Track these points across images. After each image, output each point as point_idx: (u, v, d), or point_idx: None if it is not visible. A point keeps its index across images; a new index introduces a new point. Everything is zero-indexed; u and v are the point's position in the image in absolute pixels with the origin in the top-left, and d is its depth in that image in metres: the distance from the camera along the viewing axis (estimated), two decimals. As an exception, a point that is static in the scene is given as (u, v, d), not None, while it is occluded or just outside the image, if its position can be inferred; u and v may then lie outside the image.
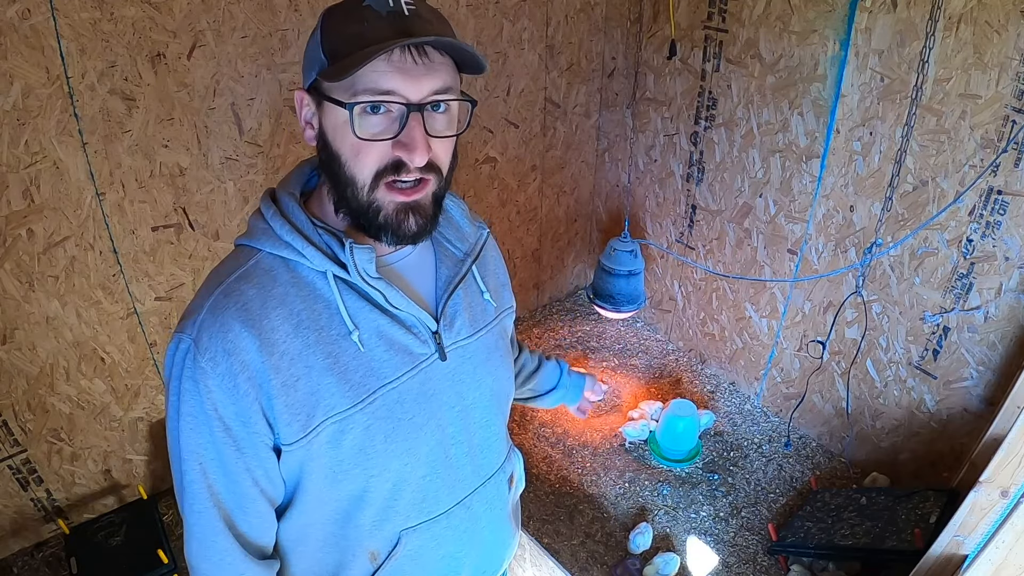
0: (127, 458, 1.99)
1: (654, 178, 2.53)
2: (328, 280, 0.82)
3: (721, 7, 2.05)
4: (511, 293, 1.09)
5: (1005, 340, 1.70)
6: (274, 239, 0.82)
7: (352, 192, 0.79)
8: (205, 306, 0.80)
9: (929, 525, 1.61)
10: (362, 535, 0.91)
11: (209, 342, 0.77)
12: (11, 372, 1.69)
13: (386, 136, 0.76)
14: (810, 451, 2.23)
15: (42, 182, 1.55)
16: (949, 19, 1.56)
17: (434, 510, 0.94)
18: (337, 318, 0.83)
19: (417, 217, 0.81)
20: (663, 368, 2.61)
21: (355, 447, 0.84)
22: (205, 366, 0.77)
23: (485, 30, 2.13)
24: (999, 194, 1.60)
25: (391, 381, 0.86)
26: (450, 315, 0.92)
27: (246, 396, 0.78)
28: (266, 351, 0.78)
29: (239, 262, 0.83)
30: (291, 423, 0.80)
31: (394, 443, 0.87)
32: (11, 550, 1.88)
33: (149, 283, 1.80)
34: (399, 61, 0.73)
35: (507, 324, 1.06)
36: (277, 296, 0.81)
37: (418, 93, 0.75)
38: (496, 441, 1.02)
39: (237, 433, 0.80)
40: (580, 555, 1.89)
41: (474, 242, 0.99)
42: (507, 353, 1.05)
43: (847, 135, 1.86)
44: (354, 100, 0.74)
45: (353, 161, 0.78)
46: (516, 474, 1.12)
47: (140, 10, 1.51)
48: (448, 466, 0.94)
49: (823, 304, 2.10)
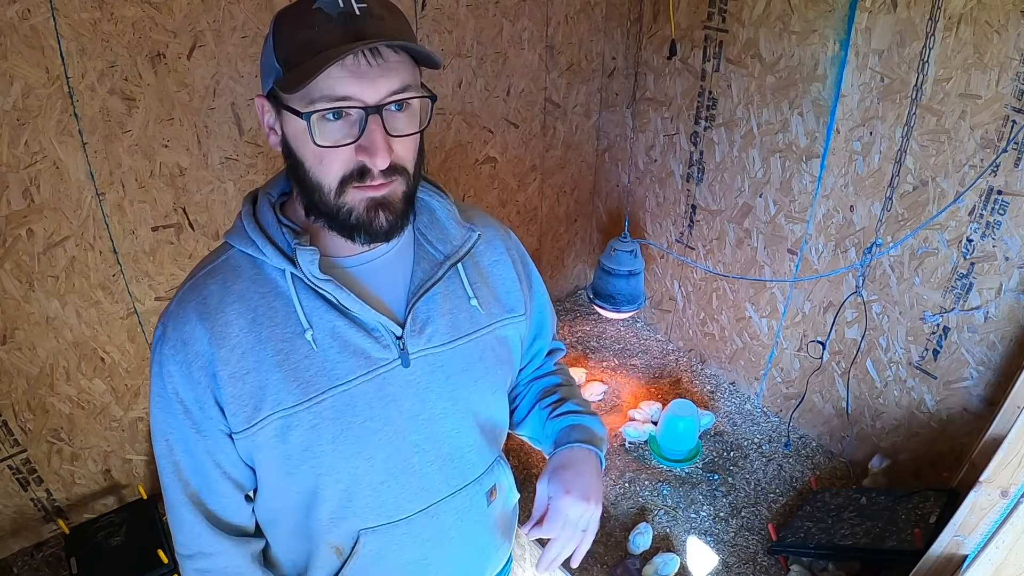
0: (127, 458, 1.99)
1: (654, 178, 2.53)
2: (287, 278, 0.85)
3: (721, 7, 2.05)
4: (519, 301, 1.02)
5: (1005, 340, 1.70)
6: (243, 237, 0.86)
7: (320, 197, 0.80)
8: (177, 297, 0.87)
9: (929, 525, 1.61)
10: (322, 529, 0.93)
11: (172, 332, 0.84)
12: (11, 372, 1.69)
13: (347, 141, 0.76)
14: (810, 451, 2.23)
15: (42, 182, 1.55)
16: (949, 19, 1.56)
17: (395, 515, 0.94)
18: (293, 316, 0.84)
19: (387, 213, 0.81)
20: (663, 368, 2.61)
21: (301, 444, 0.86)
22: (168, 352, 0.83)
23: (485, 30, 2.13)
24: (999, 194, 1.60)
25: (343, 383, 0.85)
26: (420, 320, 0.90)
27: (199, 384, 0.83)
28: (216, 343, 0.82)
29: (213, 257, 0.88)
30: (237, 413, 0.84)
31: (343, 445, 0.87)
32: (11, 550, 1.88)
33: (149, 283, 1.80)
34: (353, 66, 0.73)
35: (504, 334, 1.00)
36: (236, 292, 0.84)
37: (375, 95, 0.74)
38: (470, 452, 0.98)
39: (196, 417, 0.85)
40: (580, 555, 1.89)
41: (459, 245, 0.94)
42: (497, 364, 0.99)
43: (847, 135, 1.86)
44: (311, 109, 0.74)
45: (317, 168, 0.78)
46: (502, 487, 1.08)
47: (140, 10, 1.51)
48: (410, 473, 0.93)
49: (823, 304, 2.10)
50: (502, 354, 1.00)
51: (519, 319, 1.02)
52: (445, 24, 2.04)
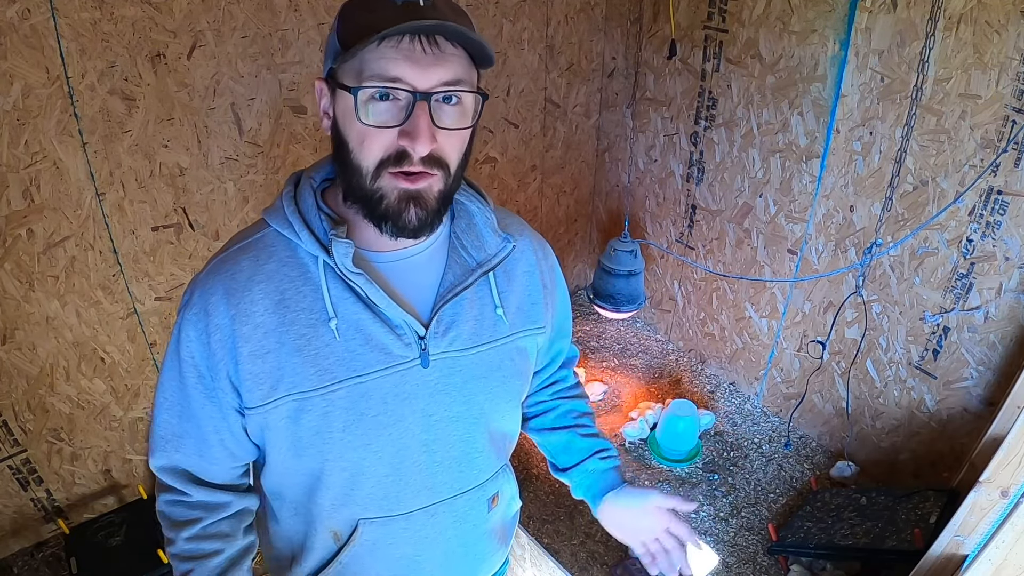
0: (127, 458, 1.99)
1: (654, 178, 2.53)
2: (318, 265, 0.85)
3: (721, 7, 2.05)
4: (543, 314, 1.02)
5: (1005, 340, 1.70)
6: (281, 218, 0.86)
7: (357, 180, 0.80)
8: (207, 267, 0.87)
9: (929, 525, 1.61)
10: (323, 512, 0.95)
11: (197, 300, 0.85)
12: (11, 372, 1.69)
13: (391, 124, 0.76)
14: (810, 451, 2.23)
15: (42, 182, 1.55)
16: (949, 19, 1.56)
17: (395, 509, 0.95)
18: (320, 303, 0.85)
19: (419, 209, 0.80)
20: (663, 368, 2.61)
21: (312, 428, 0.87)
22: (190, 318, 0.85)
23: (485, 30, 2.13)
24: (999, 194, 1.60)
25: (360, 375, 0.86)
26: (445, 323, 0.90)
27: (215, 355, 0.84)
28: (239, 320, 0.83)
29: (249, 232, 0.89)
30: (253, 390, 0.85)
31: (352, 435, 0.88)
32: (11, 550, 1.89)
33: (149, 283, 1.80)
34: (408, 49, 0.73)
35: (523, 345, 1.00)
36: (267, 271, 0.85)
37: (426, 82, 0.75)
38: (478, 458, 0.99)
39: (208, 383, 0.87)
40: (580, 555, 1.89)
41: (493, 254, 0.94)
42: (516, 376, 1.00)
43: (847, 135, 1.86)
44: (360, 85, 0.74)
45: (359, 148, 0.78)
46: (504, 494, 1.09)
47: (140, 10, 1.51)
48: (415, 471, 0.93)
49: (823, 304, 2.10)
50: (520, 365, 1.00)
51: (540, 331, 1.02)
52: (445, 24, 2.04)
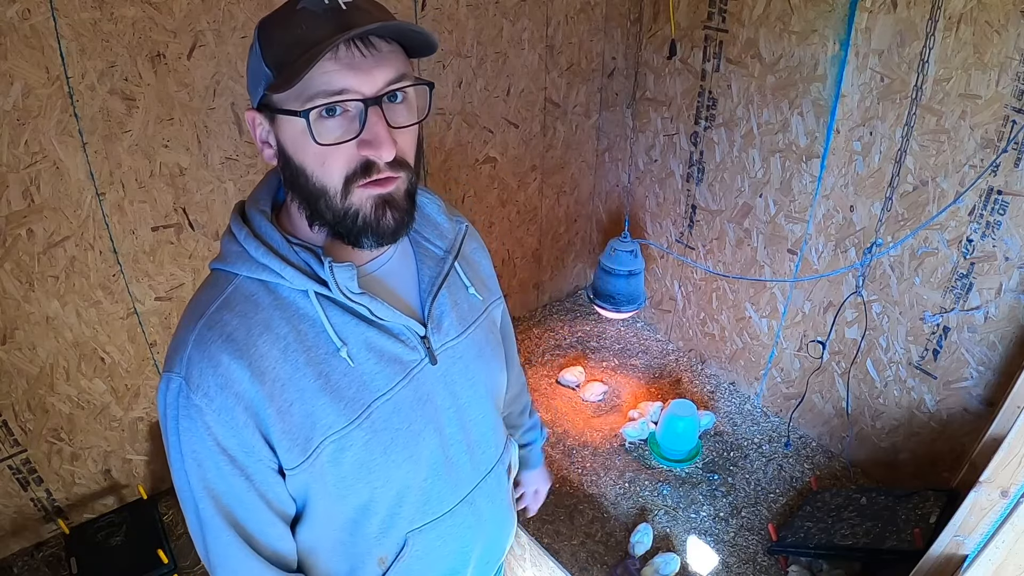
0: (127, 458, 1.99)
1: (654, 178, 2.53)
2: (310, 298, 0.80)
3: (721, 7, 2.05)
4: (496, 282, 1.08)
5: (1005, 340, 1.70)
6: (250, 262, 0.80)
7: (325, 203, 0.76)
8: (190, 341, 0.77)
9: (929, 525, 1.61)
10: (370, 542, 0.91)
11: (200, 378, 0.75)
12: (11, 372, 1.69)
13: (348, 137, 0.73)
14: (810, 451, 2.23)
15: (42, 182, 1.55)
16: (949, 19, 1.56)
17: (438, 510, 0.95)
18: (324, 336, 0.81)
19: (393, 211, 0.78)
20: (663, 368, 2.61)
21: (356, 462, 0.83)
22: (200, 403, 0.75)
23: (485, 30, 2.13)
24: (999, 194, 1.60)
25: (384, 393, 0.84)
26: (437, 317, 0.91)
27: (246, 427, 0.77)
28: (258, 380, 0.77)
29: (218, 289, 0.80)
30: (291, 448, 0.79)
31: (394, 453, 0.86)
32: (11, 550, 1.88)
33: (149, 283, 1.80)
34: (347, 58, 0.71)
35: (495, 315, 1.05)
36: (261, 322, 0.78)
37: (372, 86, 0.72)
38: (492, 434, 1.02)
39: (243, 462, 0.79)
40: (580, 555, 1.89)
41: (453, 238, 0.94)
42: (497, 344, 1.04)
43: (847, 135, 1.86)
44: (308, 106, 0.71)
45: (320, 171, 0.75)
46: (514, 461, 1.13)
47: (140, 10, 1.51)
48: (449, 467, 0.94)
49: (823, 304, 2.10)
50: (496, 334, 1.05)
51: (501, 300, 1.09)
52: (445, 24, 2.04)
